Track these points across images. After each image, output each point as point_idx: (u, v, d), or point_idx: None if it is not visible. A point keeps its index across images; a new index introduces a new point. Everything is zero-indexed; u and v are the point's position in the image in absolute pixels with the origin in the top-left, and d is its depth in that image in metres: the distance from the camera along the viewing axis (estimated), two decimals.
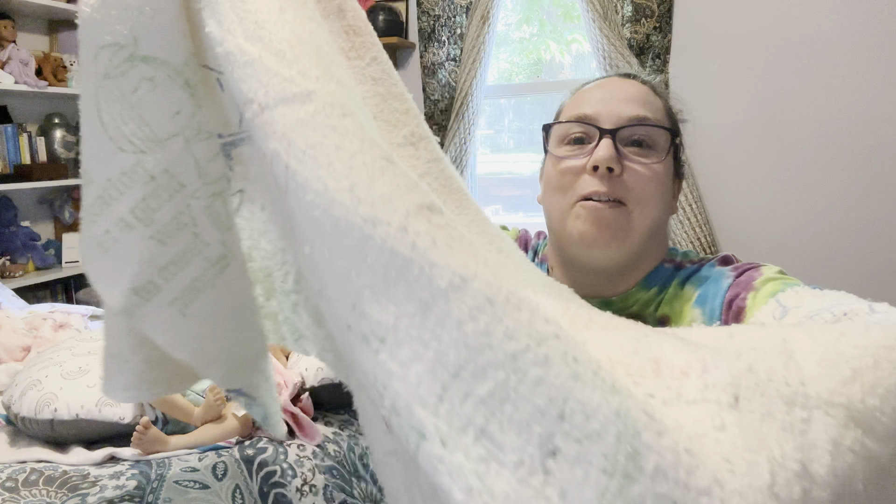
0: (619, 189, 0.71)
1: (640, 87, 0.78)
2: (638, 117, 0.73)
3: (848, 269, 2.49)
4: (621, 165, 0.71)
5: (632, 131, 0.73)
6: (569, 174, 0.74)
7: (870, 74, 2.39)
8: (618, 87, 0.77)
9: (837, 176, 2.48)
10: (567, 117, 0.78)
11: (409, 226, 0.35)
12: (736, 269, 0.72)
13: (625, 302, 0.77)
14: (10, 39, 2.98)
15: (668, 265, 0.79)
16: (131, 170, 0.54)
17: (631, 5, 2.58)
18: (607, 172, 0.71)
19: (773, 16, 2.48)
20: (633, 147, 0.73)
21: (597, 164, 0.71)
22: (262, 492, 1.19)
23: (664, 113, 0.78)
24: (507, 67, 3.08)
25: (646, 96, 0.76)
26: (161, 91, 0.52)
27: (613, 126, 0.73)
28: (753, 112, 2.56)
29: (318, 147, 0.38)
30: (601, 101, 0.75)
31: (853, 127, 2.43)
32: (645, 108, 0.75)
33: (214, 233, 0.58)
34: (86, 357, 1.46)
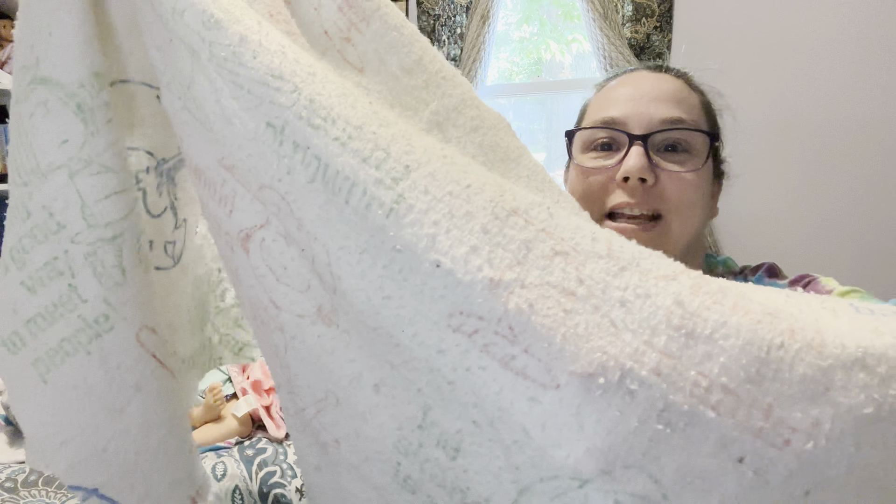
0: (653, 200, 0.65)
1: (672, 81, 0.70)
2: (671, 119, 0.66)
3: (851, 270, 2.49)
4: (655, 175, 0.64)
5: (665, 136, 0.66)
6: (596, 185, 0.67)
7: (871, 74, 2.38)
8: (648, 83, 0.69)
9: (839, 176, 2.47)
10: (592, 121, 0.70)
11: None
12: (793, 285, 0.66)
13: None
14: (10, 39, 2.98)
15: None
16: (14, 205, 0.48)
17: (631, 5, 2.57)
18: (639, 183, 0.64)
19: (773, 16, 2.48)
20: (668, 153, 0.66)
21: (627, 174, 0.64)
22: (262, 492, 1.19)
23: (701, 110, 0.71)
24: (507, 67, 3.08)
25: (679, 93, 0.69)
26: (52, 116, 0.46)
27: (644, 131, 0.65)
28: (753, 112, 2.55)
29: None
30: (629, 102, 0.68)
31: (855, 127, 2.43)
32: (679, 107, 0.67)
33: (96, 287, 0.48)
34: None
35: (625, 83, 0.71)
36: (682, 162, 0.66)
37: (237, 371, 1.44)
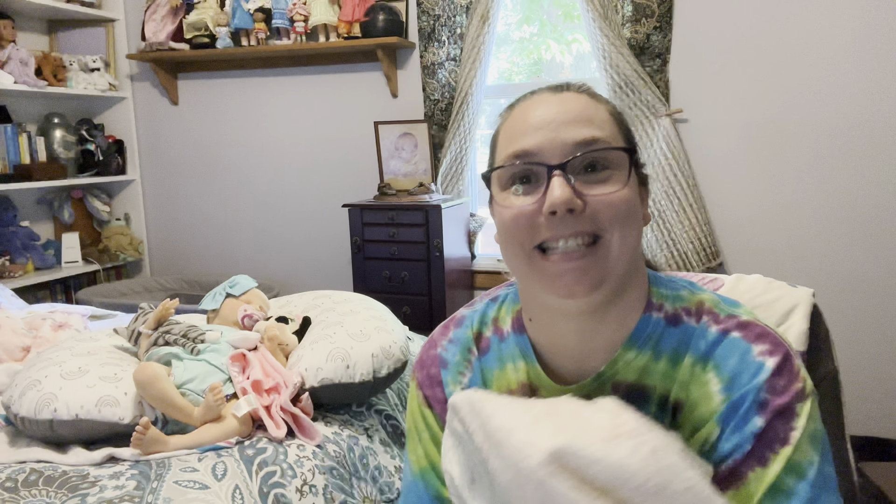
0: (586, 224, 0.62)
1: (577, 99, 0.67)
2: (586, 140, 0.63)
3: (847, 269, 2.49)
4: (582, 201, 0.62)
5: (583, 159, 0.63)
6: (523, 223, 0.64)
7: (870, 75, 2.39)
8: (554, 106, 0.66)
9: (837, 176, 2.48)
10: (505, 156, 0.66)
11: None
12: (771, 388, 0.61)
13: (614, 368, 0.67)
14: (10, 39, 2.98)
15: (656, 315, 0.68)
16: None
17: (631, 5, 2.58)
18: (568, 214, 0.61)
19: (773, 16, 2.48)
20: (589, 174, 0.63)
21: (553, 208, 0.61)
22: (262, 492, 1.19)
23: (612, 122, 0.68)
24: (507, 67, 3.08)
25: (587, 110, 0.66)
26: None
27: (561, 158, 0.63)
28: (753, 112, 2.56)
29: None
30: (539, 131, 0.65)
31: (853, 127, 2.43)
32: (590, 125, 0.65)
33: None
34: (85, 357, 1.46)
35: (529, 109, 0.68)
36: (606, 180, 0.63)
37: (237, 371, 1.44)
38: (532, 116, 0.66)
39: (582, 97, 0.68)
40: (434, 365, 0.79)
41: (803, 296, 0.92)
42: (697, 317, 0.68)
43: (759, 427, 0.60)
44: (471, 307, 0.82)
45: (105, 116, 3.54)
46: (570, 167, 0.63)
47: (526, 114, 0.67)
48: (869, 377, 2.49)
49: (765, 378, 0.61)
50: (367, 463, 1.41)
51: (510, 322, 0.76)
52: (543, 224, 0.63)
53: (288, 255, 3.40)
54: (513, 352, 0.74)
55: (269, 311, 1.73)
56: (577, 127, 0.64)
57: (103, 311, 2.35)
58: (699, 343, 0.66)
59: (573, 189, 0.62)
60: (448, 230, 2.66)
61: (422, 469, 0.77)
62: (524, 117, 0.67)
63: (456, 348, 0.78)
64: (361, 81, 3.12)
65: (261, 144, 3.37)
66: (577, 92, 0.69)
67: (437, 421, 0.77)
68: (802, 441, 0.59)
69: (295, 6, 2.98)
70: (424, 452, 0.77)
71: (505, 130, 0.70)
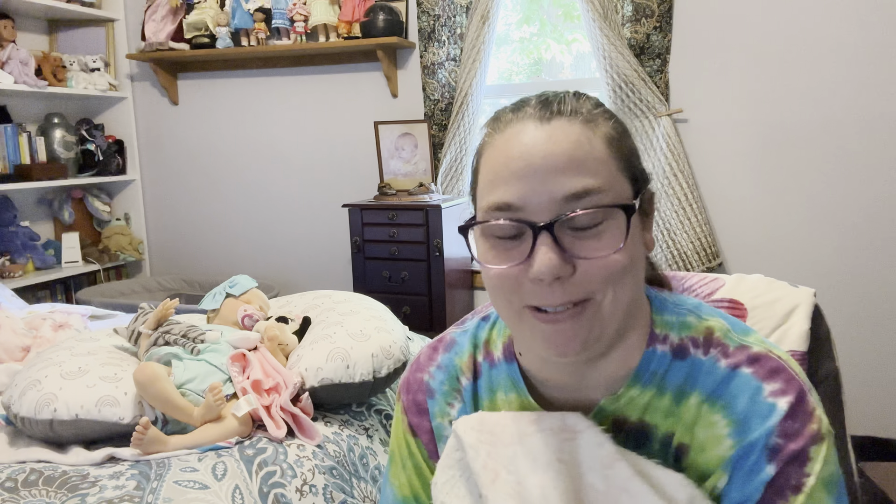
0: (575, 290, 0.57)
1: (568, 131, 0.58)
2: (576, 193, 0.55)
3: (848, 269, 2.49)
4: (572, 265, 0.56)
5: (573, 219, 0.56)
6: (508, 283, 0.59)
7: (870, 74, 2.39)
8: (539, 146, 0.57)
9: (837, 175, 2.48)
10: (486, 207, 0.59)
11: None
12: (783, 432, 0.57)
13: (616, 404, 0.63)
14: (10, 39, 2.98)
15: (661, 348, 0.63)
16: None
17: (631, 5, 2.58)
18: (556, 281, 0.56)
19: (773, 16, 2.48)
20: (580, 230, 0.56)
21: (539, 277, 0.55)
22: (262, 492, 1.19)
23: (610, 157, 0.58)
24: (507, 67, 3.08)
25: (578, 147, 0.57)
26: None
27: (547, 216, 0.56)
28: (753, 112, 2.56)
29: None
30: (521, 181, 0.56)
31: (853, 126, 2.43)
32: (583, 171, 0.56)
33: None
34: (85, 357, 1.46)
35: (513, 145, 0.58)
36: (599, 237, 0.56)
37: (237, 371, 1.44)
38: (514, 157, 0.57)
39: (574, 127, 0.58)
40: (420, 391, 0.75)
41: (804, 296, 0.92)
42: (706, 348, 0.63)
43: (770, 476, 0.56)
44: (461, 326, 0.78)
45: (105, 116, 3.54)
46: (559, 226, 0.56)
47: (509, 149, 0.58)
48: (869, 377, 2.49)
49: (776, 422, 0.57)
50: (367, 463, 1.41)
51: (501, 348, 0.72)
52: (529, 287, 0.57)
53: (288, 255, 3.40)
54: (504, 381, 0.70)
55: (269, 311, 1.73)
56: (567, 176, 0.56)
57: (103, 311, 2.35)
58: (707, 380, 0.61)
59: (561, 252, 0.56)
60: (448, 230, 2.66)
61: (404, 497, 0.75)
62: (506, 154, 0.58)
63: (444, 376, 0.74)
64: (361, 81, 3.12)
65: (261, 144, 3.37)
66: (570, 118, 0.58)
67: (422, 451, 0.74)
68: (816, 489, 0.56)
69: (295, 6, 2.98)
70: (408, 481, 0.75)
71: (487, 161, 0.61)
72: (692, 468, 0.61)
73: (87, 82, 3.25)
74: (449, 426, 0.72)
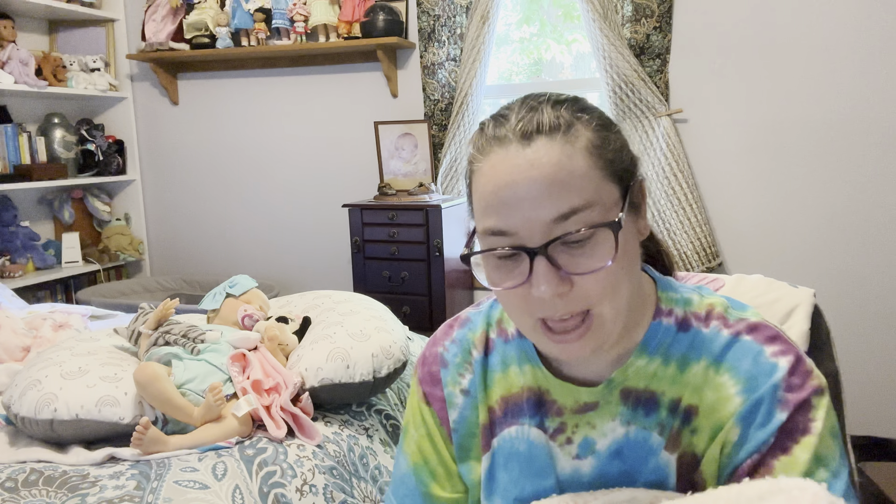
0: (575, 303, 0.61)
1: (548, 152, 0.60)
2: (562, 215, 0.59)
3: (848, 269, 2.49)
4: (570, 282, 0.60)
5: (563, 240, 0.60)
6: (516, 302, 0.64)
7: (869, 74, 2.39)
8: (523, 172, 0.60)
9: (837, 175, 2.48)
10: (483, 233, 0.64)
11: None
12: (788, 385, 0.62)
13: (625, 374, 0.68)
14: (10, 39, 2.98)
15: (666, 321, 0.68)
16: None
17: (631, 5, 2.58)
18: (557, 297, 0.60)
19: (773, 16, 2.48)
20: (573, 247, 0.60)
21: (540, 296, 0.60)
22: (262, 492, 1.19)
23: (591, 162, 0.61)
24: (507, 67, 3.08)
25: (559, 169, 0.59)
26: None
27: (539, 240, 0.60)
28: (753, 112, 2.56)
29: None
30: (510, 210, 0.60)
31: (853, 126, 2.43)
32: (566, 192, 0.59)
33: None
34: (86, 357, 1.46)
35: (498, 170, 0.61)
36: (592, 251, 0.60)
37: (237, 371, 1.44)
38: (502, 188, 0.60)
39: (554, 147, 0.60)
40: (435, 363, 0.79)
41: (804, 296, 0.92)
42: (707, 321, 0.68)
43: (781, 421, 0.61)
44: (477, 307, 0.82)
45: (105, 116, 3.54)
46: (552, 248, 0.60)
47: (496, 180, 0.61)
48: (869, 377, 2.49)
49: (781, 376, 0.62)
50: (367, 463, 1.41)
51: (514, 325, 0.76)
52: (535, 302, 0.61)
53: (288, 255, 3.40)
54: (517, 355, 0.74)
55: (269, 311, 1.73)
56: (552, 200, 0.59)
57: (103, 311, 2.35)
58: (711, 347, 0.66)
59: (557, 270, 0.60)
60: (448, 230, 2.66)
61: (415, 464, 0.78)
62: (495, 185, 0.61)
63: (457, 349, 0.78)
64: (361, 81, 3.12)
65: (261, 144, 3.37)
66: (549, 136, 0.60)
67: (435, 418, 0.78)
68: (825, 434, 0.60)
69: (295, 6, 2.98)
70: (418, 448, 0.78)
71: (477, 189, 0.64)
72: (703, 427, 0.65)
73: (87, 82, 3.25)
74: (459, 394, 0.76)
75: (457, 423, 0.76)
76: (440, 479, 0.77)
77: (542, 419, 0.71)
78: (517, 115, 0.63)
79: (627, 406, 0.67)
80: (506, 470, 0.73)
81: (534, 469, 0.71)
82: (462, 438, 0.76)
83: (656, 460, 0.66)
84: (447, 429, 0.77)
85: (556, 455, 0.70)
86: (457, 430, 0.76)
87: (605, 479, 0.68)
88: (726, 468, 0.63)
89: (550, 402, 0.71)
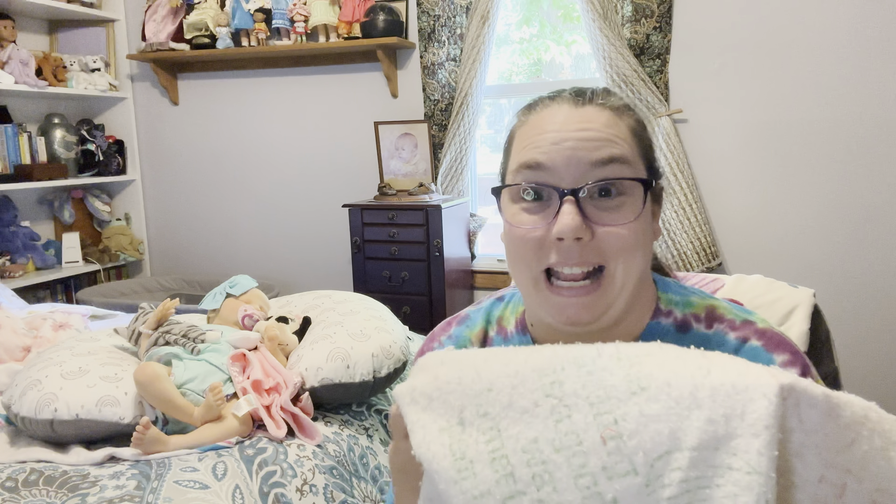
0: (591, 255, 0.62)
1: (599, 115, 0.65)
2: (602, 160, 0.62)
3: (847, 269, 2.49)
4: (591, 231, 0.62)
5: (597, 186, 0.62)
6: (531, 244, 0.64)
7: (869, 74, 2.39)
8: (573, 121, 0.64)
9: (837, 175, 2.48)
10: (518, 164, 0.66)
11: None
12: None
13: None
14: (10, 39, 2.98)
15: (665, 321, 0.69)
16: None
17: (631, 5, 2.58)
18: (575, 242, 0.61)
19: (772, 16, 2.48)
20: (602, 199, 0.62)
21: (561, 235, 0.61)
22: (262, 492, 1.19)
23: (632, 139, 0.66)
24: (507, 68, 3.08)
25: (607, 127, 0.64)
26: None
27: (574, 182, 0.62)
28: (753, 112, 2.56)
29: None
30: (554, 147, 0.63)
31: (853, 126, 2.43)
32: (610, 145, 0.63)
33: None
34: (86, 357, 1.46)
35: (548, 120, 0.65)
36: (618, 208, 0.62)
37: (237, 371, 1.44)
38: (550, 130, 0.64)
39: (605, 112, 0.65)
40: None
41: (804, 296, 0.92)
42: (709, 323, 0.68)
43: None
44: (477, 305, 0.83)
45: (105, 116, 3.54)
46: (582, 194, 0.62)
47: (544, 124, 0.65)
48: (869, 377, 2.49)
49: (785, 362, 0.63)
50: (367, 463, 1.41)
51: (514, 322, 0.77)
52: (551, 247, 0.63)
53: (288, 255, 3.40)
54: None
55: (270, 311, 1.73)
56: (596, 147, 0.62)
57: (103, 311, 2.35)
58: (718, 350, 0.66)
59: (583, 216, 0.62)
60: (448, 230, 2.66)
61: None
62: (542, 128, 0.65)
63: (452, 344, 0.80)
64: (361, 82, 3.12)
65: (261, 144, 3.37)
66: (600, 106, 0.66)
67: None
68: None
69: (295, 6, 2.98)
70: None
71: (520, 137, 0.67)
72: None
73: (87, 82, 3.25)
74: None
75: None
76: None
77: None
78: (571, 88, 0.68)
79: None
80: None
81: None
82: None
83: None
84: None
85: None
86: None
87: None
88: None
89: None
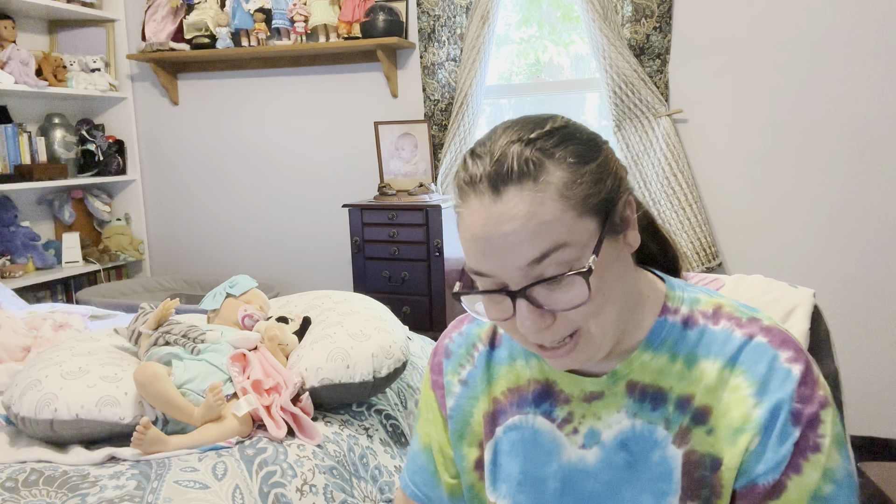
0: (562, 328, 0.64)
1: (518, 199, 0.61)
2: (535, 259, 0.60)
3: (847, 269, 2.49)
4: (552, 316, 0.63)
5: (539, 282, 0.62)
6: (507, 328, 0.67)
7: (869, 74, 2.39)
8: (494, 218, 0.61)
9: (837, 176, 2.48)
10: (470, 272, 0.67)
11: None
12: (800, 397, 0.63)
13: (629, 367, 0.70)
14: (10, 39, 2.98)
15: (672, 318, 0.70)
16: None
17: (631, 5, 2.58)
18: (543, 329, 0.64)
19: (772, 16, 2.48)
20: (552, 284, 0.62)
21: (524, 333, 0.64)
22: (263, 491, 1.19)
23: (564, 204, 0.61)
24: (507, 68, 3.08)
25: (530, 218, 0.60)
26: None
27: (518, 284, 0.62)
28: (753, 112, 2.56)
29: None
30: (486, 257, 0.63)
31: (852, 126, 2.43)
32: (537, 237, 0.60)
33: None
34: (86, 357, 1.46)
35: (470, 221, 0.64)
36: (568, 288, 0.62)
37: (237, 371, 1.44)
38: (477, 235, 0.63)
39: (524, 195, 0.60)
40: (441, 353, 0.85)
41: (804, 296, 0.92)
42: (715, 319, 0.69)
43: (795, 439, 0.62)
44: None
45: (105, 116, 3.54)
46: (531, 289, 0.62)
47: (471, 226, 0.64)
48: (869, 377, 2.49)
49: (794, 387, 0.63)
50: (367, 463, 1.41)
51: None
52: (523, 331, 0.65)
53: (288, 255, 3.40)
54: (524, 350, 0.77)
55: (270, 311, 1.73)
56: (525, 246, 0.60)
57: (103, 311, 2.35)
58: (724, 348, 0.67)
59: (539, 307, 0.63)
60: (448, 230, 2.66)
61: (424, 444, 0.85)
62: (470, 230, 0.64)
63: (462, 341, 0.83)
64: (361, 81, 3.12)
65: (261, 144, 3.37)
66: (519, 187, 0.61)
67: (437, 403, 0.83)
68: (832, 448, 0.62)
69: (295, 6, 2.98)
70: (426, 431, 0.85)
71: (461, 233, 0.67)
72: (721, 427, 0.66)
73: (87, 82, 3.25)
74: (457, 384, 0.81)
75: (453, 410, 0.80)
76: (441, 461, 0.83)
77: (550, 408, 0.73)
78: (491, 159, 0.63)
79: (633, 399, 0.69)
80: (510, 457, 0.75)
81: (538, 455, 0.73)
82: (456, 425, 0.80)
83: (662, 453, 0.67)
84: (444, 415, 0.82)
85: (562, 443, 0.72)
86: (452, 418, 0.80)
87: (610, 470, 0.69)
88: (743, 476, 0.64)
89: (558, 391, 0.73)
